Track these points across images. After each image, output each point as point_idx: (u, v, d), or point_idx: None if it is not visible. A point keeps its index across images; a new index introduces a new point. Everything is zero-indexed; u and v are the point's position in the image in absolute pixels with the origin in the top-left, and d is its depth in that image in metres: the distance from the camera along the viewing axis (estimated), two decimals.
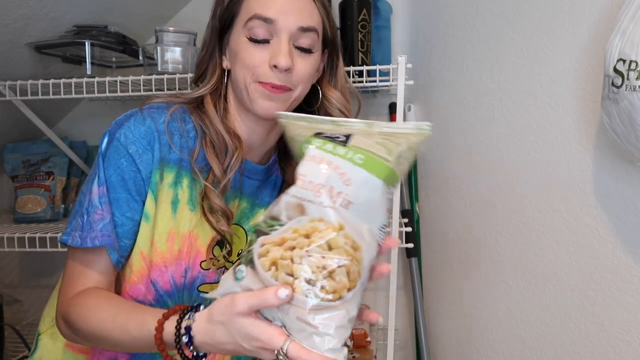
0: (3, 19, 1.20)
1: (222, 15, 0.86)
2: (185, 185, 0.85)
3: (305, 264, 0.61)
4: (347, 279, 0.62)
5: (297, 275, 0.61)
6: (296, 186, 0.65)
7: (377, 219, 0.66)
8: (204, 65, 0.90)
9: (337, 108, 0.91)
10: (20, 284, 1.79)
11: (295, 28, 0.82)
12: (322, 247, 0.62)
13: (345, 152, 0.64)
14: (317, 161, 0.65)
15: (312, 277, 0.61)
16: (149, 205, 0.83)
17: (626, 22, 0.86)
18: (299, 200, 0.64)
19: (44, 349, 0.93)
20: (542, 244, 1.19)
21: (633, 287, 1.01)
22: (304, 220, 0.64)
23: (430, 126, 0.66)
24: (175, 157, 0.84)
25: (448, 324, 1.52)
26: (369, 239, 0.65)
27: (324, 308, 0.61)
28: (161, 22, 1.62)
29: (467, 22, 1.37)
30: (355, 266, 0.63)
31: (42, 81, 1.32)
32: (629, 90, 0.84)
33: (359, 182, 0.63)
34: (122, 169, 0.81)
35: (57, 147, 1.58)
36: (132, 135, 0.81)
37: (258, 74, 0.82)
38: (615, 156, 1.02)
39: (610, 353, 1.06)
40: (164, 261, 0.85)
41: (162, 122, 0.84)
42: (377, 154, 0.64)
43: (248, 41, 0.83)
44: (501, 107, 1.28)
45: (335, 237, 0.62)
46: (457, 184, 1.44)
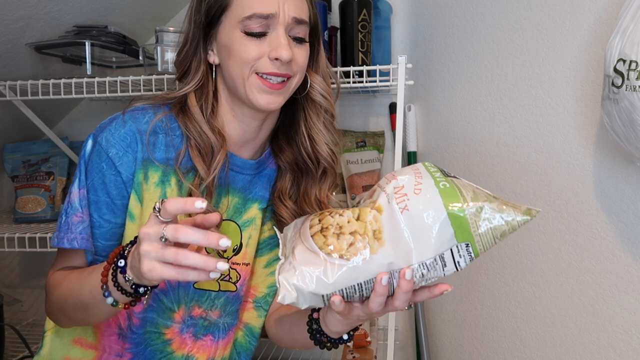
0: (3, 19, 1.20)
1: (209, 10, 0.84)
2: (173, 184, 0.85)
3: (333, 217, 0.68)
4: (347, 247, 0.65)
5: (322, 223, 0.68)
6: (386, 175, 0.71)
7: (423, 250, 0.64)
8: (187, 61, 0.88)
9: (320, 93, 0.91)
10: (20, 284, 1.79)
11: (291, 19, 0.82)
12: (354, 214, 0.67)
13: (440, 178, 0.67)
14: (413, 170, 0.69)
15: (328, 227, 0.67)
16: (132, 205, 0.84)
17: (626, 22, 0.86)
18: (377, 187, 0.70)
19: (50, 345, 0.94)
20: (542, 244, 1.19)
21: (633, 287, 1.01)
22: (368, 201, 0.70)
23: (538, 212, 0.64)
24: (161, 155, 0.85)
25: (448, 324, 1.52)
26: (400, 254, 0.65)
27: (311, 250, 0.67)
28: (161, 22, 1.62)
29: (467, 22, 1.37)
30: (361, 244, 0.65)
31: (42, 81, 1.32)
32: (629, 90, 0.84)
33: (427, 198, 0.65)
34: (102, 173, 0.83)
35: (57, 147, 1.58)
36: (113, 139, 0.83)
37: (258, 66, 0.82)
38: (615, 156, 1.02)
39: (610, 353, 1.06)
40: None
41: (145, 122, 0.85)
42: (462, 192, 0.65)
43: (244, 35, 0.82)
44: (501, 107, 1.28)
45: (367, 212, 0.66)
46: None
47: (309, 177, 0.95)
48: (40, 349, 0.95)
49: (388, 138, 1.61)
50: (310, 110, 0.93)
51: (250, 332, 0.98)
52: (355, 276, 0.65)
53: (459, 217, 0.63)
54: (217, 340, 0.93)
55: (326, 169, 0.95)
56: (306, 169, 0.95)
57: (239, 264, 0.93)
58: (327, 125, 0.93)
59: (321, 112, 0.93)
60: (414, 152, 1.57)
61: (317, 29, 0.90)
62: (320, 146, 0.93)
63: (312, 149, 0.93)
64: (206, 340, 0.93)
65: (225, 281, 0.92)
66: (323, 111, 0.93)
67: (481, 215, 0.63)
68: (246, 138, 0.91)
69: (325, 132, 0.93)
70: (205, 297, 0.91)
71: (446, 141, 1.48)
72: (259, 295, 0.97)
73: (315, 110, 0.93)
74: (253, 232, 0.93)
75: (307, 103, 0.93)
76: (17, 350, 1.46)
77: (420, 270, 0.65)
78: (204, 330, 0.92)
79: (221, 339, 0.94)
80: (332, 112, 0.94)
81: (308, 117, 0.93)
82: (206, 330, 0.92)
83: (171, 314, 0.89)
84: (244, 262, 0.93)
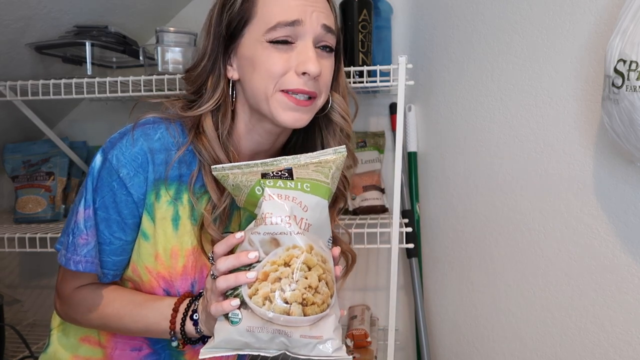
0: (3, 19, 1.20)
1: (231, 22, 0.80)
2: (185, 201, 0.83)
3: (295, 289, 0.70)
4: (327, 287, 0.72)
5: (291, 301, 0.69)
6: (265, 224, 0.72)
7: (326, 233, 0.76)
8: (204, 76, 0.83)
9: (339, 113, 0.88)
10: (20, 284, 1.79)
11: (320, 27, 0.79)
12: (302, 269, 0.71)
13: (295, 184, 0.73)
14: (277, 198, 0.73)
15: (305, 297, 0.70)
16: (145, 224, 0.83)
17: (627, 22, 0.86)
18: (272, 236, 0.72)
19: (57, 344, 0.94)
20: (543, 244, 1.19)
21: (633, 287, 1.01)
22: (280, 251, 0.72)
23: (344, 149, 0.77)
24: (174, 173, 0.82)
25: (448, 324, 1.52)
26: (327, 250, 0.75)
27: (320, 319, 0.71)
28: (162, 22, 1.62)
29: (467, 22, 1.37)
30: (329, 275, 0.73)
31: (42, 81, 1.32)
32: (630, 90, 0.84)
33: (313, 206, 0.73)
34: (114, 192, 0.81)
35: (57, 148, 1.58)
36: (124, 158, 0.80)
37: (283, 82, 0.78)
38: (615, 156, 1.02)
39: (610, 353, 1.06)
40: (170, 275, 0.85)
41: (157, 139, 0.81)
42: (318, 179, 0.75)
43: (269, 45, 0.78)
44: (501, 107, 1.28)
45: (310, 257, 0.71)
46: (457, 184, 1.44)
47: None
48: (46, 347, 0.95)
49: (388, 138, 1.61)
50: (327, 130, 0.90)
51: None
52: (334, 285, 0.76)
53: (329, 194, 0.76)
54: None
55: (337, 196, 0.91)
56: None
57: None
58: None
59: (337, 132, 0.89)
60: (414, 152, 1.57)
61: (339, 42, 0.86)
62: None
63: None
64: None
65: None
66: (339, 131, 0.89)
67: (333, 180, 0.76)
68: (259, 150, 0.89)
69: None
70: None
71: (446, 141, 1.48)
72: None
73: (332, 130, 0.89)
74: None
75: (324, 122, 0.89)
76: (17, 351, 1.46)
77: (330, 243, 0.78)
78: None
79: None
80: (348, 132, 0.90)
81: (325, 137, 0.90)
82: None
83: None
84: None
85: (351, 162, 0.93)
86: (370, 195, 1.53)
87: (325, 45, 0.81)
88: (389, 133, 1.61)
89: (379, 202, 1.53)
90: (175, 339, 0.80)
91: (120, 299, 0.85)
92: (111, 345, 0.90)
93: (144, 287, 0.86)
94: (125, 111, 0.87)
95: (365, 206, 1.51)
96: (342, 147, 0.76)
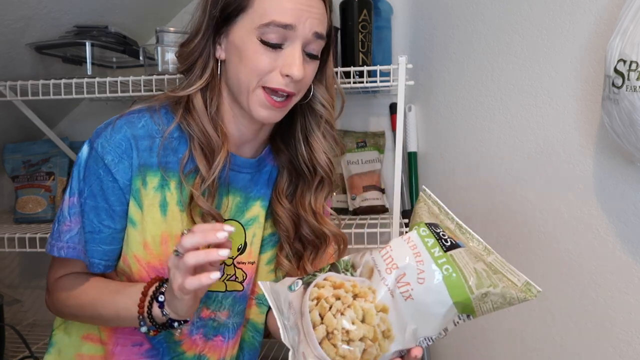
0: (3, 19, 1.20)
1: (227, 6, 0.81)
2: (173, 187, 0.85)
3: (336, 318, 0.66)
4: (360, 355, 0.65)
5: (325, 322, 0.66)
6: (381, 252, 0.70)
7: (428, 328, 0.68)
8: (196, 53, 0.84)
9: (320, 102, 0.90)
10: (20, 284, 1.79)
11: (311, 34, 0.80)
12: (358, 314, 0.66)
13: (440, 256, 0.67)
14: (410, 246, 0.69)
15: (334, 333, 0.66)
16: (132, 211, 0.84)
17: (627, 22, 0.86)
18: (374, 266, 0.69)
19: (60, 344, 0.94)
20: (543, 244, 1.19)
21: (633, 287, 1.01)
22: (366, 283, 0.69)
23: (539, 292, 0.67)
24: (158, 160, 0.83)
25: None
26: (409, 338, 0.68)
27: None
28: (162, 22, 1.62)
29: (467, 22, 1.37)
30: (375, 350, 0.66)
31: (42, 81, 1.32)
32: (630, 90, 0.84)
33: (430, 288, 0.66)
34: (100, 179, 0.82)
35: (57, 148, 1.58)
36: (108, 145, 0.82)
37: (267, 80, 0.80)
38: (615, 156, 1.02)
39: (610, 353, 1.06)
40: (162, 263, 0.85)
41: (141, 126, 0.83)
42: (466, 278, 0.66)
43: (260, 44, 0.79)
44: (501, 107, 1.28)
45: (373, 314, 0.66)
46: (457, 184, 1.44)
47: (305, 183, 0.94)
48: (50, 347, 0.96)
49: (388, 138, 1.61)
50: (310, 117, 0.92)
51: (253, 327, 0.99)
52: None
53: (464, 303, 0.67)
54: (227, 341, 0.94)
55: (323, 179, 0.93)
56: (302, 174, 0.94)
57: (244, 263, 0.93)
58: (325, 135, 0.92)
59: (321, 122, 0.92)
60: (414, 152, 1.57)
61: (330, 40, 0.88)
62: (319, 154, 0.92)
63: (310, 157, 0.92)
64: (216, 341, 0.93)
65: (232, 281, 0.92)
66: (323, 121, 0.91)
67: (486, 299, 0.67)
68: (244, 139, 0.91)
69: (324, 141, 0.92)
70: (212, 299, 0.91)
71: (446, 141, 1.48)
72: (260, 292, 0.97)
73: (316, 119, 0.91)
74: (257, 231, 0.93)
75: (307, 110, 0.91)
76: (17, 351, 1.46)
77: (426, 342, 0.70)
78: (214, 331, 0.92)
79: (231, 339, 0.94)
80: (331, 122, 0.92)
81: (308, 124, 0.92)
82: (216, 331, 0.92)
83: None
84: (249, 261, 0.93)
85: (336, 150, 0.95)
86: (370, 195, 1.52)
87: (310, 52, 0.82)
88: (389, 133, 1.61)
89: (379, 202, 1.53)
90: (144, 324, 0.78)
91: (97, 287, 0.85)
92: (112, 342, 0.90)
93: (134, 278, 0.86)
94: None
95: (365, 206, 1.51)
96: (537, 288, 0.68)
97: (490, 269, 0.68)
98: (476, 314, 0.68)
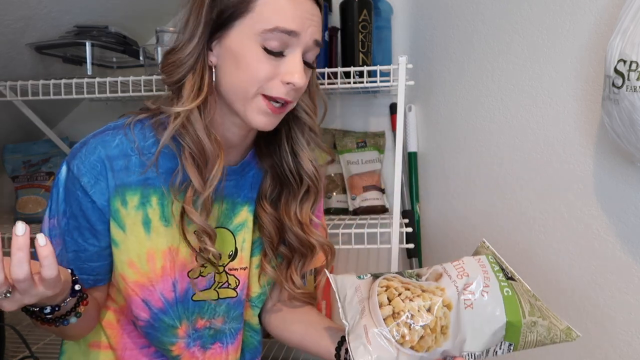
0: (3, 19, 1.20)
1: (224, 10, 0.77)
2: (155, 203, 0.82)
3: (404, 302, 0.73)
4: (417, 338, 0.72)
5: (392, 304, 0.73)
6: (453, 263, 0.78)
7: (475, 343, 0.75)
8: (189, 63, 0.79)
9: (304, 110, 0.88)
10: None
11: (312, 42, 0.79)
12: (425, 304, 0.73)
13: (503, 280, 0.76)
14: (480, 265, 0.77)
15: (399, 313, 0.72)
16: (114, 231, 0.82)
17: (627, 22, 0.86)
18: (444, 272, 0.77)
19: (70, 352, 0.94)
20: (543, 244, 1.19)
21: (633, 287, 1.01)
22: (433, 284, 0.76)
23: (578, 337, 0.76)
24: (136, 178, 0.81)
25: None
26: (458, 344, 0.74)
27: (384, 339, 0.72)
28: (162, 23, 1.61)
29: (467, 22, 1.37)
30: (430, 341, 0.72)
31: (42, 81, 1.32)
32: (630, 90, 0.84)
33: (491, 302, 0.74)
34: (79, 200, 0.80)
35: (57, 148, 1.58)
36: (83, 167, 0.80)
37: (267, 88, 0.78)
38: (615, 156, 1.02)
39: (611, 354, 1.06)
40: (150, 280, 0.84)
41: (115, 146, 0.81)
42: (522, 304, 0.75)
43: (262, 52, 0.76)
44: (502, 107, 1.28)
45: (439, 306, 0.73)
46: (457, 184, 1.44)
47: (290, 192, 0.93)
48: (60, 356, 0.95)
49: (388, 138, 1.61)
50: (295, 126, 0.90)
51: (249, 326, 0.99)
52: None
53: (515, 326, 0.74)
54: (227, 346, 0.93)
55: (310, 188, 0.92)
56: (287, 182, 0.92)
57: (236, 269, 0.92)
58: (310, 142, 0.91)
59: (305, 129, 0.90)
60: (415, 152, 1.57)
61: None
62: (304, 162, 0.90)
63: (295, 165, 0.91)
64: (215, 349, 0.92)
65: (224, 288, 0.91)
66: (307, 128, 0.90)
67: (533, 329, 0.75)
68: (230, 144, 0.88)
69: (309, 150, 0.91)
70: (205, 308, 0.90)
71: (447, 141, 1.48)
72: (253, 295, 0.97)
73: (300, 127, 0.90)
74: (246, 236, 0.92)
75: (291, 119, 0.89)
76: (17, 351, 1.46)
77: (469, 357, 0.75)
78: (211, 340, 0.92)
79: (230, 344, 0.93)
80: (314, 130, 0.91)
81: (292, 132, 0.90)
82: (213, 339, 0.92)
83: (174, 331, 0.88)
84: (241, 267, 0.92)
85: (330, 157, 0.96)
86: (370, 195, 1.53)
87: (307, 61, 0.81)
88: (389, 133, 1.61)
89: (379, 202, 1.53)
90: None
91: None
92: (121, 347, 0.90)
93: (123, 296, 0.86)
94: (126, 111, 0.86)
95: (366, 206, 1.51)
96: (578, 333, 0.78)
97: (539, 307, 0.77)
98: (519, 342, 0.74)
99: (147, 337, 0.88)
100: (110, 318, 0.90)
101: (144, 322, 0.86)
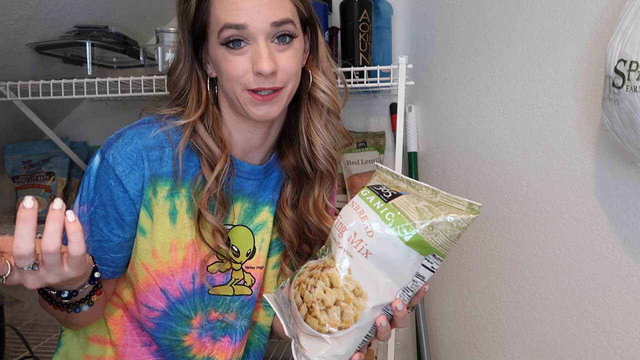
0: (3, 20, 1.20)
1: (193, 28, 0.82)
2: (182, 195, 0.85)
3: (311, 292, 0.72)
4: (339, 317, 0.70)
5: (305, 300, 0.72)
6: (335, 225, 0.74)
7: (399, 278, 0.71)
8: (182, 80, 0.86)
9: (321, 90, 0.88)
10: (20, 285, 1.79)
11: (269, 25, 0.78)
12: (326, 282, 0.71)
13: (381, 207, 0.71)
14: (354, 208, 0.73)
15: (312, 306, 0.71)
16: (143, 220, 0.84)
17: (627, 22, 0.86)
18: (331, 238, 0.74)
19: (68, 344, 0.95)
20: (543, 244, 1.19)
21: (633, 287, 1.01)
22: (328, 255, 0.75)
23: (480, 207, 0.69)
24: (169, 169, 0.84)
25: (449, 324, 1.52)
26: (383, 292, 0.71)
27: (313, 335, 0.71)
28: (162, 23, 1.62)
29: (468, 22, 1.37)
30: (352, 310, 0.70)
31: (42, 82, 1.32)
32: (630, 90, 0.84)
33: (381, 237, 0.69)
34: (111, 189, 0.82)
35: (57, 148, 1.58)
36: (119, 156, 0.82)
37: (245, 82, 0.80)
38: (615, 156, 1.02)
39: (610, 353, 1.06)
40: (171, 270, 0.85)
41: (151, 137, 0.84)
42: (408, 217, 0.69)
43: (226, 49, 0.79)
44: (502, 107, 1.28)
45: (337, 277, 0.71)
46: (457, 184, 1.44)
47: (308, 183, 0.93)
48: (58, 348, 0.96)
49: (389, 138, 1.61)
50: (311, 108, 0.89)
51: (259, 330, 0.99)
52: (360, 334, 0.72)
53: (417, 241, 0.69)
54: (235, 342, 0.94)
55: (323, 174, 0.91)
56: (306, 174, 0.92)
57: (253, 267, 0.93)
58: (328, 126, 0.90)
59: (323, 112, 0.89)
60: (415, 152, 1.57)
61: (312, 20, 0.86)
62: (317, 148, 0.89)
63: (310, 151, 0.90)
64: (224, 342, 0.93)
65: (240, 285, 0.92)
66: (325, 111, 0.89)
67: (434, 231, 0.69)
68: (252, 145, 0.90)
69: (325, 133, 0.89)
70: (220, 302, 0.91)
71: (447, 141, 1.48)
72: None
73: (317, 109, 0.89)
74: (265, 236, 0.93)
75: (309, 101, 0.89)
76: (17, 351, 1.46)
77: (406, 293, 0.72)
78: (222, 332, 0.93)
79: (238, 341, 0.94)
80: (335, 111, 0.89)
81: (308, 116, 0.89)
82: (224, 332, 0.93)
83: (189, 321, 0.89)
84: (258, 266, 0.93)
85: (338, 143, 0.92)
86: None
87: (283, 35, 0.80)
88: (389, 133, 1.61)
89: None
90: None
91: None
92: (122, 343, 0.90)
93: (139, 286, 0.86)
94: (126, 111, 0.87)
95: None
96: (477, 203, 0.70)
97: (432, 203, 0.71)
98: (436, 249, 0.69)
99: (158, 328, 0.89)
100: (115, 314, 0.91)
101: (160, 311, 0.87)
